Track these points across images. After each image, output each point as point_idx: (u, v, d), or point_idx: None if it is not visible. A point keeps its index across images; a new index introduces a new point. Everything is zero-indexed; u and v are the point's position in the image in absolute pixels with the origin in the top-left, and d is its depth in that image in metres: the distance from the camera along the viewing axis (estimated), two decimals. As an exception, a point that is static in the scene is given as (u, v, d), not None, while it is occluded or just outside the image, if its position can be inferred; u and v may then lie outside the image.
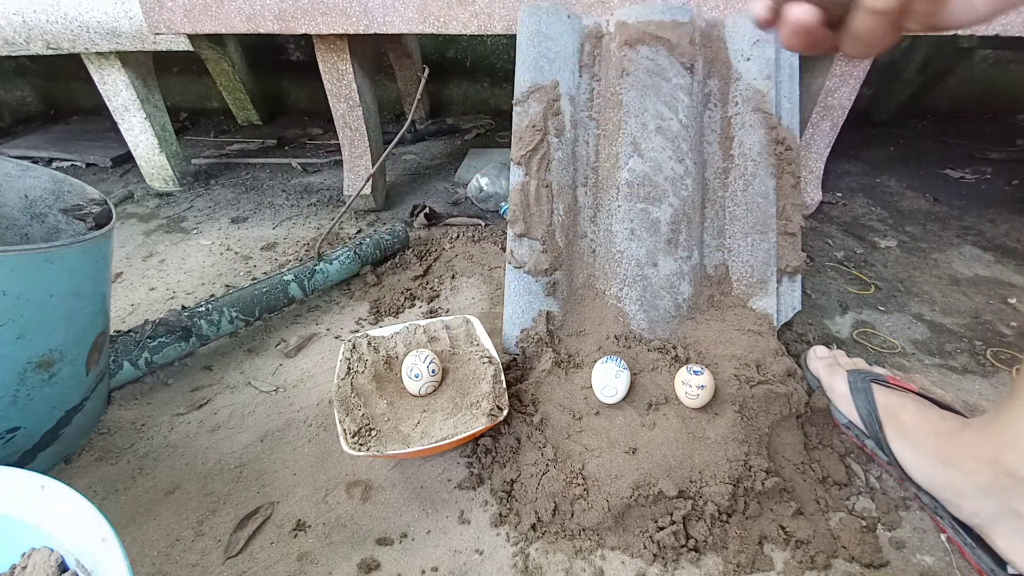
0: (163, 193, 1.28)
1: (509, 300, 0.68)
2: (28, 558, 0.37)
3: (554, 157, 0.68)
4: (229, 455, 0.61)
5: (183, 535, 0.52)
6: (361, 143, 1.07)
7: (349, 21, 0.84)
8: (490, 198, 1.10)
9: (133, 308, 0.86)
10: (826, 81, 0.88)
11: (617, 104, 0.68)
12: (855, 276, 0.90)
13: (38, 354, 0.51)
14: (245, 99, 1.71)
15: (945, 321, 0.79)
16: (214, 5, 0.86)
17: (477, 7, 0.81)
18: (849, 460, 0.57)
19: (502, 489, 0.55)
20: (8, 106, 1.91)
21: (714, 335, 0.65)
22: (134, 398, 0.68)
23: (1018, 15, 0.73)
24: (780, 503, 0.52)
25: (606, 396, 0.57)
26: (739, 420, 0.54)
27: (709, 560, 0.49)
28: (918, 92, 1.57)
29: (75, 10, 1.00)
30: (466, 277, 0.91)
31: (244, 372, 0.73)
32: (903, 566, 0.48)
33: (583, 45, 0.72)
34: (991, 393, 0.67)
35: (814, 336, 0.75)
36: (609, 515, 0.50)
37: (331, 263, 0.86)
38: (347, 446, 0.51)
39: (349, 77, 0.97)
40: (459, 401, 0.58)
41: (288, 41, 1.81)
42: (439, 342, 0.66)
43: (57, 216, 0.64)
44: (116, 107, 1.16)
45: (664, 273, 0.66)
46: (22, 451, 0.55)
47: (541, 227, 0.67)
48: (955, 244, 0.99)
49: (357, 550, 0.51)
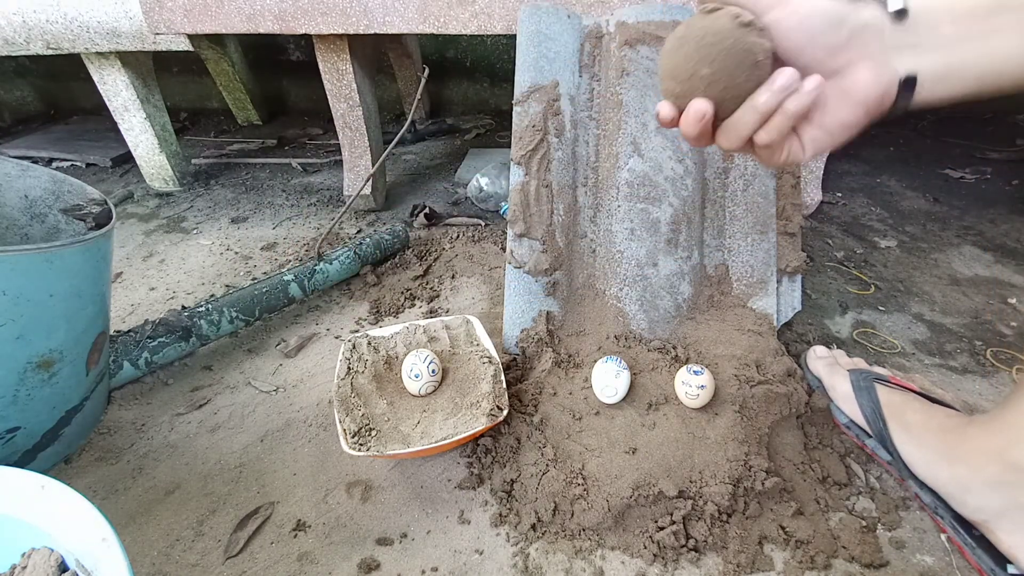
0: (163, 193, 1.28)
1: (509, 300, 0.68)
2: (28, 558, 0.37)
3: (554, 157, 0.68)
4: (229, 455, 0.61)
5: (183, 535, 0.52)
6: (361, 143, 1.07)
7: (349, 21, 0.84)
8: (490, 198, 1.10)
9: (133, 308, 0.86)
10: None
11: (617, 104, 0.68)
12: (855, 276, 0.90)
13: (38, 354, 0.51)
14: (245, 99, 1.71)
15: (945, 321, 0.79)
16: (214, 5, 0.86)
17: (477, 7, 0.81)
18: (849, 460, 0.57)
19: (502, 489, 0.55)
20: (8, 106, 1.91)
21: (714, 335, 0.65)
22: (134, 398, 0.68)
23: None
24: (780, 503, 0.52)
25: (606, 396, 0.57)
26: (739, 420, 0.54)
27: (709, 560, 0.49)
28: (918, 92, 1.56)
29: (75, 10, 1.00)
30: (466, 277, 0.91)
31: (244, 372, 0.73)
32: (903, 566, 0.48)
33: (583, 45, 0.72)
34: (991, 393, 0.67)
35: (814, 336, 0.75)
36: (609, 515, 0.50)
37: (331, 263, 0.86)
38: (347, 446, 0.51)
39: (349, 77, 0.97)
40: (459, 401, 0.58)
41: (288, 41, 1.80)
42: (439, 342, 0.66)
43: (57, 216, 0.64)
44: (116, 107, 1.16)
45: (664, 273, 0.66)
46: (22, 451, 0.55)
47: (541, 227, 0.67)
48: (955, 244, 0.99)
49: (357, 550, 0.51)
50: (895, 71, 0.32)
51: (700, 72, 0.31)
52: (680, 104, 0.33)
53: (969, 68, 0.31)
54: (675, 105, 0.34)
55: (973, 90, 0.32)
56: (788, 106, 0.31)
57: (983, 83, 0.32)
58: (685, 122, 0.33)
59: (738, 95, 0.32)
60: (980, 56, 0.31)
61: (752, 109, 0.32)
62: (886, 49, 0.32)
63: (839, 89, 0.32)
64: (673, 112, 0.34)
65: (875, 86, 0.32)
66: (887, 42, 0.32)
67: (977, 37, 0.31)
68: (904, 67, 0.32)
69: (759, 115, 0.32)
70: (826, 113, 0.33)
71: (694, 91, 0.32)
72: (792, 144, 0.34)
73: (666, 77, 0.33)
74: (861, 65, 0.32)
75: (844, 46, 0.32)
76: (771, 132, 0.32)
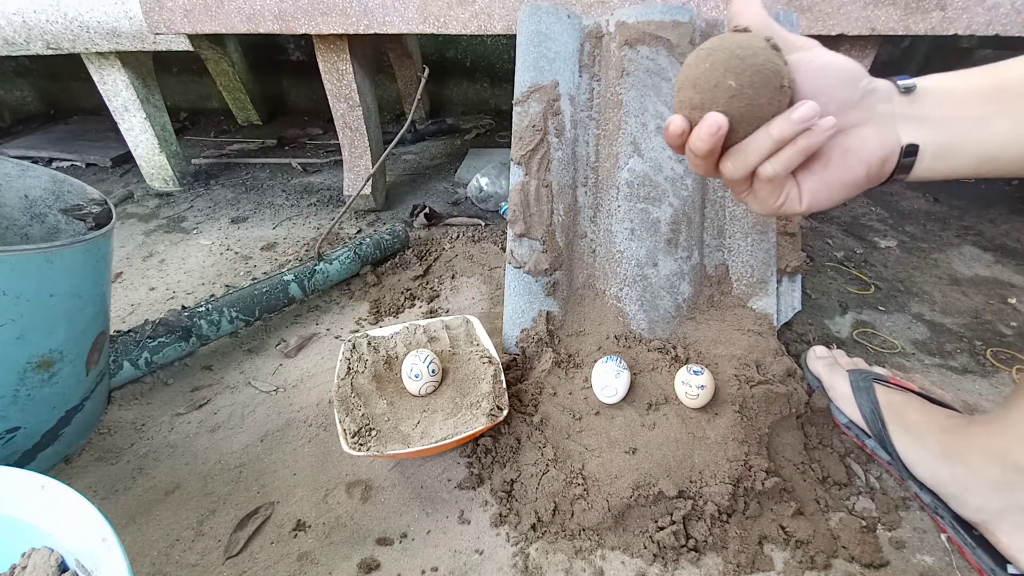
0: (163, 193, 1.28)
1: (509, 300, 0.68)
2: (28, 558, 0.37)
3: (554, 157, 0.68)
4: (229, 455, 0.61)
5: (183, 535, 0.52)
6: (361, 143, 1.07)
7: (349, 21, 0.84)
8: (490, 198, 1.10)
9: (133, 308, 0.86)
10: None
11: (617, 104, 0.68)
12: (855, 276, 0.90)
13: (38, 354, 0.51)
14: (245, 99, 1.71)
15: (945, 321, 0.79)
16: (214, 5, 0.86)
17: (477, 7, 0.81)
18: (849, 460, 0.57)
19: (502, 489, 0.55)
20: (8, 106, 1.91)
21: (714, 335, 0.65)
22: (134, 398, 0.68)
23: (1018, 15, 0.73)
24: (780, 503, 0.52)
25: (606, 396, 0.57)
26: (739, 420, 0.54)
27: (709, 560, 0.49)
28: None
29: (75, 10, 1.00)
30: (466, 277, 0.91)
31: (244, 372, 0.73)
32: (903, 566, 0.48)
33: (583, 45, 0.72)
34: (991, 393, 0.67)
35: (814, 336, 0.75)
36: (609, 515, 0.50)
37: (331, 263, 0.86)
38: (347, 446, 0.51)
39: (349, 77, 0.97)
40: (459, 401, 0.58)
41: (288, 41, 1.80)
42: (439, 342, 0.66)
43: (57, 216, 0.64)
44: (116, 107, 1.16)
45: (664, 273, 0.66)
46: (22, 451, 0.55)
47: (541, 227, 0.67)
48: (955, 244, 0.99)
49: (357, 550, 0.51)
50: (899, 138, 0.33)
51: (726, 82, 0.30)
52: (695, 116, 0.32)
53: (968, 147, 0.33)
54: (688, 117, 0.33)
55: (973, 170, 0.33)
56: (801, 141, 0.31)
57: (982, 164, 0.33)
58: (697, 135, 0.32)
59: (756, 117, 0.31)
60: (979, 137, 0.32)
61: (767, 135, 0.31)
62: (893, 116, 0.33)
63: (845, 146, 0.33)
64: (684, 125, 0.33)
65: (879, 149, 0.33)
66: (895, 110, 0.33)
67: (977, 119, 0.32)
68: (908, 137, 0.33)
69: (772, 143, 0.31)
70: (828, 167, 0.33)
71: (715, 102, 0.31)
72: (791, 190, 0.34)
73: (686, 86, 0.32)
74: (868, 126, 0.33)
75: (855, 105, 0.33)
76: (777, 165, 0.32)
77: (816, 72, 0.32)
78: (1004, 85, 0.32)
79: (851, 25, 0.76)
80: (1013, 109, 0.32)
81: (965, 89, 0.33)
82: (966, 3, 0.73)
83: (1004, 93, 0.32)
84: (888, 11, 0.75)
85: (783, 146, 0.32)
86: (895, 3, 0.74)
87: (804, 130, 0.31)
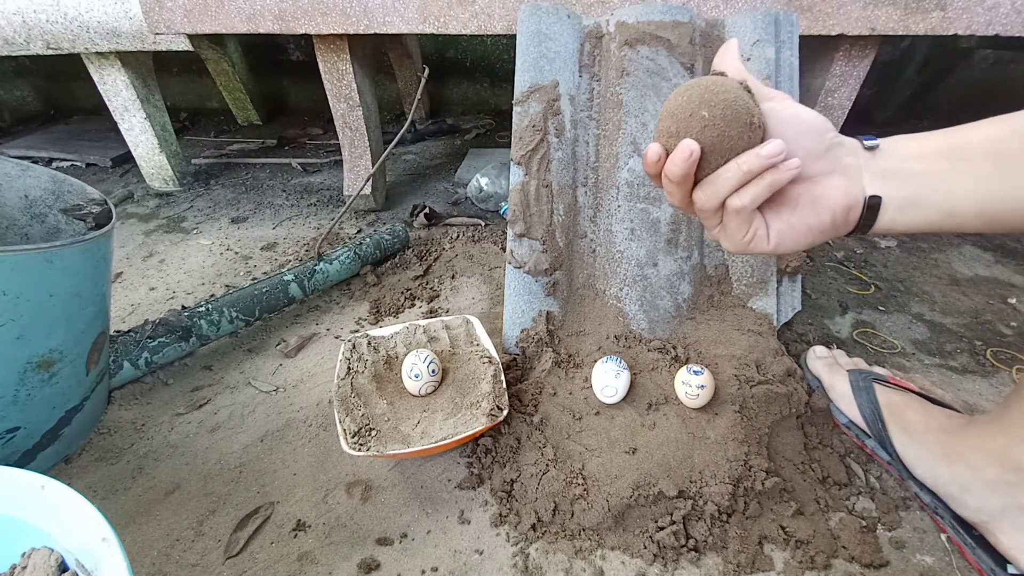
0: (163, 193, 1.28)
1: (509, 300, 0.68)
2: (28, 558, 0.37)
3: (554, 157, 0.68)
4: (229, 455, 0.61)
5: (183, 535, 0.52)
6: (361, 143, 1.07)
7: (349, 21, 0.84)
8: (490, 198, 1.10)
9: (133, 308, 0.86)
10: (826, 81, 0.88)
11: (617, 104, 0.68)
12: (855, 276, 0.90)
13: (38, 354, 0.51)
14: (245, 99, 1.71)
15: (945, 321, 0.79)
16: (214, 5, 0.86)
17: (477, 7, 0.81)
18: (849, 460, 0.57)
19: (502, 489, 0.55)
20: (8, 106, 1.91)
21: (714, 335, 0.65)
22: (134, 398, 0.68)
23: (1018, 15, 0.73)
24: (780, 503, 0.52)
25: (606, 396, 0.57)
26: (739, 420, 0.54)
27: (709, 560, 0.49)
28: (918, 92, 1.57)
29: (75, 10, 1.00)
30: (466, 277, 0.91)
31: (244, 372, 0.73)
32: (903, 566, 0.48)
33: (583, 45, 0.72)
34: (991, 393, 0.67)
35: (814, 336, 0.75)
36: (609, 515, 0.50)
37: (331, 263, 0.86)
38: (347, 446, 0.51)
39: (349, 77, 0.97)
40: (459, 401, 0.58)
41: (288, 41, 1.80)
42: (439, 342, 0.66)
43: (57, 216, 0.64)
44: (116, 107, 1.16)
45: (664, 273, 0.66)
46: (22, 451, 0.55)
47: (541, 227, 0.67)
48: (955, 244, 0.99)
49: (357, 550, 0.51)
50: (864, 189, 0.35)
51: (700, 112, 0.33)
52: (671, 144, 0.35)
53: (933, 201, 0.34)
54: (665, 145, 0.35)
55: (936, 224, 0.35)
56: (768, 176, 0.33)
57: (944, 218, 0.34)
58: (672, 160, 0.34)
59: (726, 148, 0.33)
60: (941, 192, 0.34)
61: (736, 167, 0.33)
62: (859, 169, 0.35)
63: (812, 194, 0.35)
64: (660, 152, 0.35)
65: (844, 198, 0.35)
66: (860, 163, 0.35)
67: (939, 174, 0.34)
68: (872, 188, 0.35)
69: (741, 175, 0.33)
70: (795, 212, 0.35)
71: (689, 130, 0.34)
72: (760, 228, 0.35)
73: (664, 116, 0.35)
74: (834, 176, 0.35)
75: (822, 155, 0.35)
76: (745, 197, 0.34)
77: (786, 121, 0.34)
78: (965, 145, 0.34)
79: (851, 25, 0.77)
80: (974, 168, 0.33)
81: (927, 148, 0.35)
82: (966, 3, 0.73)
83: (965, 151, 0.34)
84: (888, 11, 0.75)
85: (751, 179, 0.33)
86: (895, 3, 0.74)
87: (771, 166, 0.33)
